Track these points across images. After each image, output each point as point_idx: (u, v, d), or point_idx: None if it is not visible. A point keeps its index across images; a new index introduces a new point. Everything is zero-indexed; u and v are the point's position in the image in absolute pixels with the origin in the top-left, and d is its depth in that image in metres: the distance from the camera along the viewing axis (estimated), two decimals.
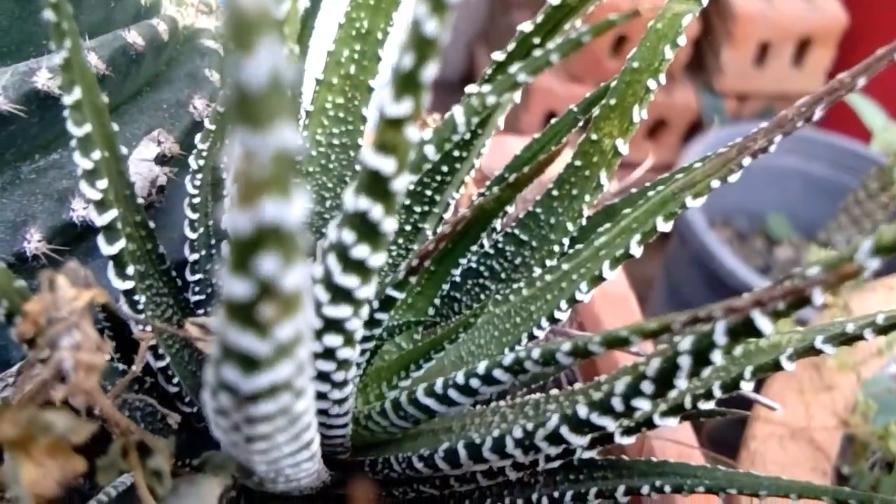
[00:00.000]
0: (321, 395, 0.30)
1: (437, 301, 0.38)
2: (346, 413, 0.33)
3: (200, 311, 0.39)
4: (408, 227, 0.39)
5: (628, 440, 0.33)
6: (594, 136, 0.36)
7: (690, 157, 1.58)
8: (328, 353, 0.28)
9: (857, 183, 1.42)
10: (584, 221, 0.37)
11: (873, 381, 0.83)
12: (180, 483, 0.25)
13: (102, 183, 0.29)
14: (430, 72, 0.19)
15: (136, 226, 0.33)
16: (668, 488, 0.35)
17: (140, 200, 0.39)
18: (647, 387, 0.27)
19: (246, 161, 0.13)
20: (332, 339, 0.27)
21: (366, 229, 0.23)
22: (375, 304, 0.31)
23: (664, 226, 0.33)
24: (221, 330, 0.17)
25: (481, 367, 0.30)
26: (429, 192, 0.38)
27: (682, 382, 0.27)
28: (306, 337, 0.19)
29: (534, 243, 0.39)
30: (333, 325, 0.26)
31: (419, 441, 0.36)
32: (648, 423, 0.33)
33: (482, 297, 0.40)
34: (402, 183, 0.22)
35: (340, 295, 0.25)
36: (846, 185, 1.57)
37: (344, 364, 0.29)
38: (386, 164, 0.21)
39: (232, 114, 0.13)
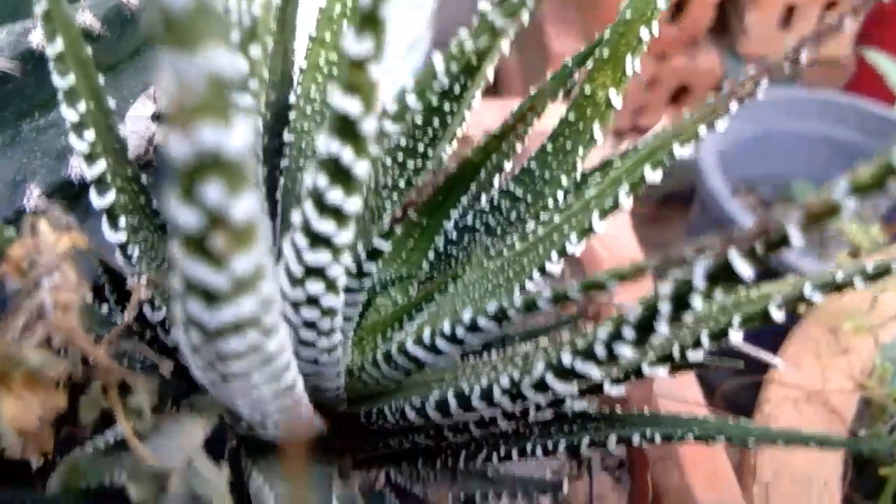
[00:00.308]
0: (309, 344, 0.31)
1: (432, 256, 0.38)
2: (337, 362, 0.33)
3: None
4: (402, 183, 0.39)
5: (618, 389, 0.33)
6: (587, 89, 0.36)
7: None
8: (312, 301, 0.28)
9: (885, 147, 1.38)
10: (578, 175, 0.37)
11: (892, 345, 0.82)
12: (164, 422, 0.26)
13: (90, 134, 0.29)
14: (390, 10, 0.19)
15: (127, 179, 0.33)
16: (658, 437, 0.35)
17: (136, 156, 0.40)
18: (628, 332, 0.27)
19: (176, 85, 0.13)
20: (315, 286, 0.27)
21: (338, 173, 0.23)
22: (363, 255, 0.32)
23: (652, 175, 0.32)
24: (179, 262, 0.17)
25: (466, 316, 0.30)
26: (421, 148, 0.38)
27: (662, 328, 0.27)
28: (268, 272, 0.19)
29: (529, 198, 0.39)
30: (315, 272, 0.27)
31: (412, 392, 0.37)
32: (637, 373, 0.33)
33: (482, 252, 0.40)
34: (371, 125, 0.22)
35: (319, 241, 0.25)
36: (874, 151, 1.54)
37: (329, 312, 0.29)
38: (352, 106, 0.21)
39: (157, 36, 0.13)
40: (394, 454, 0.42)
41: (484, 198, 0.40)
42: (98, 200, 0.31)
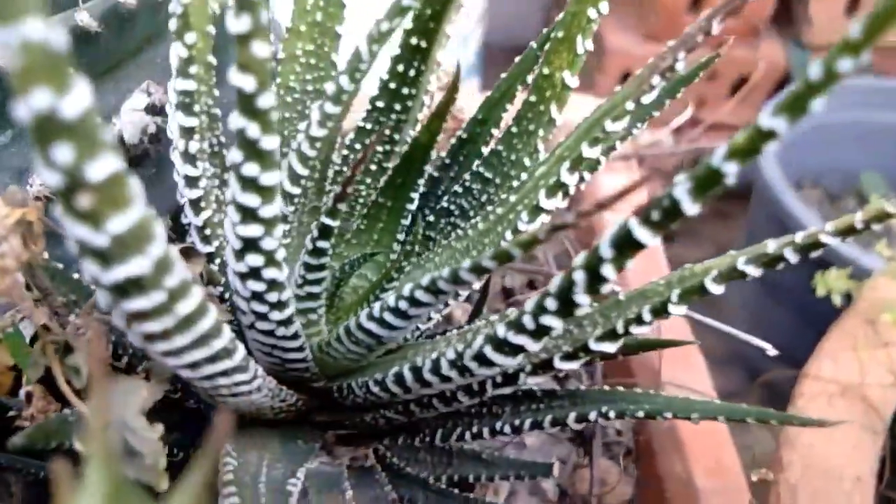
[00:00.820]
0: (262, 316, 0.33)
1: (410, 237, 0.39)
2: (297, 336, 0.35)
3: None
4: (373, 167, 0.40)
5: (568, 365, 0.34)
6: (546, 71, 0.36)
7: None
8: (254, 273, 0.30)
9: None
10: (540, 157, 0.37)
11: None
12: (110, 383, 0.28)
13: None
14: None
15: None
16: (612, 413, 0.35)
17: (131, 145, 0.42)
18: (550, 303, 0.28)
19: (5, 55, 0.15)
20: (253, 259, 0.29)
21: (249, 148, 0.24)
22: (315, 233, 0.33)
23: (590, 151, 0.33)
24: (64, 222, 0.19)
25: (406, 289, 0.31)
26: (387, 132, 0.39)
27: (581, 297, 0.27)
28: (157, 234, 0.21)
29: (497, 180, 0.40)
30: (250, 245, 0.28)
31: (377, 368, 0.38)
32: (585, 349, 0.33)
33: (454, 235, 0.41)
34: (268, 100, 0.23)
35: (248, 214, 0.27)
36: None
37: (274, 285, 0.31)
38: (246, 82, 0.22)
39: None
40: (375, 431, 0.43)
41: (457, 182, 0.41)
42: None
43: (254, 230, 0.28)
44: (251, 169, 0.25)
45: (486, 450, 0.52)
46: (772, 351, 0.43)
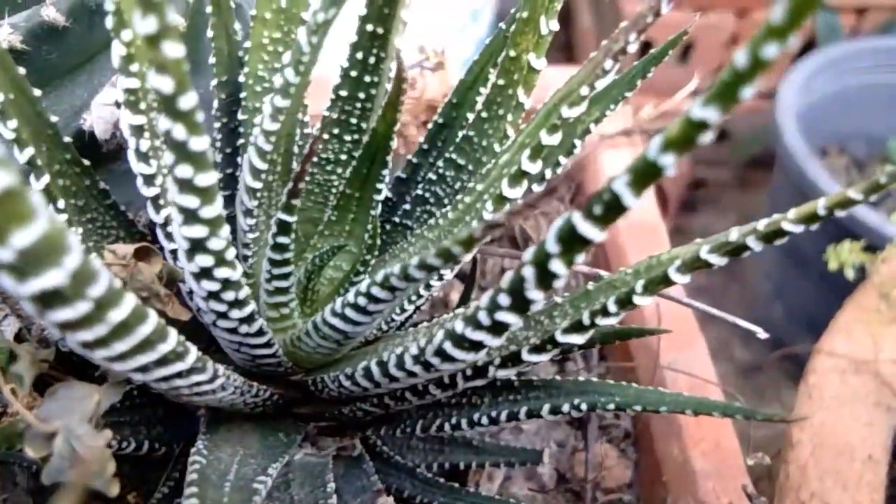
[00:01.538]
0: (221, 315, 0.32)
1: (373, 228, 0.39)
2: (262, 332, 0.34)
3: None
4: (343, 157, 0.39)
5: (537, 358, 0.33)
6: (512, 53, 0.35)
7: (797, 80, 1.46)
8: (206, 273, 0.29)
9: None
10: (508, 141, 0.36)
11: None
12: (59, 387, 0.28)
13: (12, 123, 0.31)
14: None
15: (67, 163, 0.35)
16: (584, 406, 0.35)
17: (104, 140, 0.42)
18: (503, 300, 0.27)
19: None
20: (203, 259, 0.29)
21: (178, 150, 0.24)
22: (274, 229, 0.33)
23: (549, 139, 0.32)
24: None
25: (363, 286, 0.31)
26: (354, 121, 0.38)
27: (533, 293, 0.27)
28: (71, 247, 0.21)
29: (470, 167, 0.39)
30: (197, 246, 0.28)
31: (349, 361, 0.38)
32: (552, 342, 0.32)
33: (428, 224, 0.41)
34: (190, 100, 0.22)
35: (189, 216, 0.27)
36: None
37: (228, 284, 0.30)
38: (164, 84, 0.22)
39: None
40: (356, 422, 0.43)
41: (431, 169, 0.40)
42: (34, 183, 0.33)
43: (198, 231, 0.27)
44: (184, 171, 0.25)
45: (481, 435, 0.52)
46: (762, 334, 0.41)
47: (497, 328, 0.29)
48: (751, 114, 1.79)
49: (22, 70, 0.33)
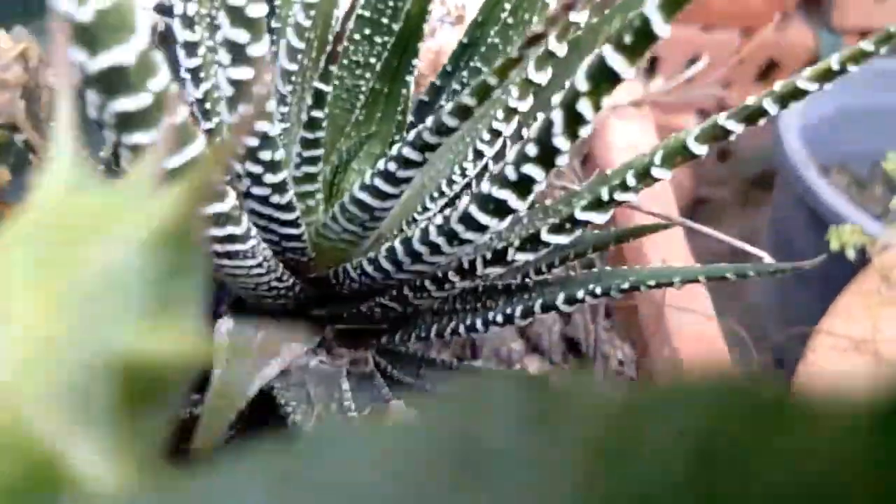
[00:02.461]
0: (256, 179, 0.34)
1: (403, 125, 0.40)
2: (291, 207, 0.36)
3: None
4: (372, 60, 0.41)
5: (557, 238, 0.34)
6: None
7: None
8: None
9: None
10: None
11: None
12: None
13: None
14: None
15: None
16: (598, 290, 0.36)
17: None
18: (531, 149, 0.29)
19: None
20: (245, 108, 0.30)
21: None
22: (310, 101, 0.34)
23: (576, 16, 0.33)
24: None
25: (394, 150, 0.32)
26: (385, 21, 0.40)
27: (561, 141, 0.28)
28: (139, 26, 0.22)
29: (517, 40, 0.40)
30: (242, 91, 0.30)
31: (371, 250, 0.39)
32: (572, 220, 0.34)
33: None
34: None
35: (237, 53, 0.28)
36: None
37: (266, 140, 0.32)
38: None
39: None
40: (372, 323, 0.44)
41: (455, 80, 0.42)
42: None
43: (244, 73, 0.29)
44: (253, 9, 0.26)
45: (488, 363, 0.53)
46: (768, 258, 0.43)
47: (523, 185, 0.30)
48: (753, 134, 1.82)
49: None
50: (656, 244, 0.65)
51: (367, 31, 0.40)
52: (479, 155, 0.38)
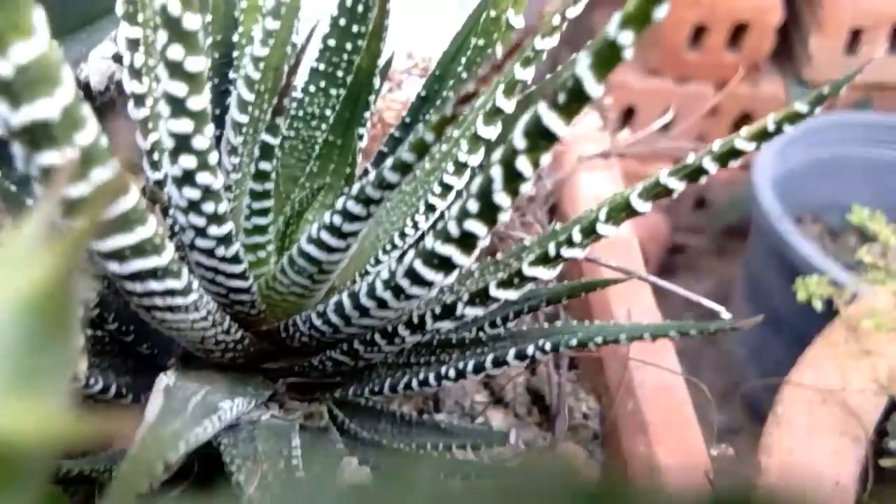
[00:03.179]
0: (200, 231, 0.33)
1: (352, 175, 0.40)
2: (237, 259, 0.35)
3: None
4: (328, 112, 0.41)
5: (505, 293, 0.34)
6: (493, 13, 0.37)
7: (771, 148, 1.52)
8: (188, 177, 0.31)
9: None
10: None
11: None
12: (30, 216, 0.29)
13: None
14: None
15: None
16: (548, 346, 0.35)
17: (98, 91, 0.44)
18: (472, 205, 0.29)
19: None
20: (187, 161, 0.30)
21: (172, 27, 0.25)
22: (257, 153, 0.34)
23: (523, 73, 0.33)
24: None
25: (339, 203, 0.32)
26: (340, 73, 0.40)
27: (501, 197, 0.28)
28: (64, 81, 0.22)
29: (451, 97, 0.40)
30: (182, 144, 0.29)
31: (322, 300, 0.38)
32: (520, 275, 0.33)
33: (407, 178, 0.42)
34: None
35: (177, 106, 0.28)
36: None
37: (209, 194, 0.31)
38: None
39: None
40: (325, 376, 0.44)
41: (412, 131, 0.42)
42: None
43: (184, 125, 0.28)
44: (176, 52, 0.26)
45: (449, 418, 0.52)
46: (725, 314, 0.43)
47: (466, 240, 0.30)
48: (728, 183, 1.85)
49: None
50: (622, 295, 0.65)
51: (322, 84, 0.40)
52: (430, 208, 0.38)
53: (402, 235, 0.39)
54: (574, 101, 0.25)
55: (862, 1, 1.64)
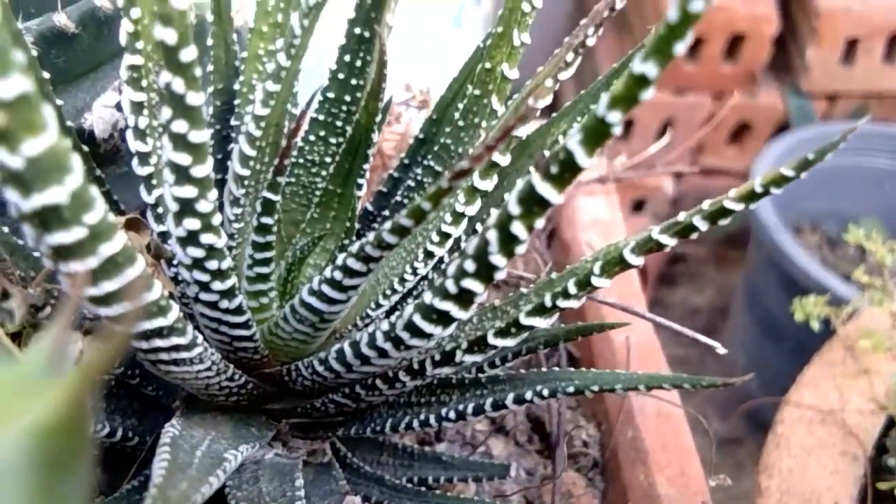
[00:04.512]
0: (204, 286, 0.34)
1: (353, 224, 0.41)
2: (241, 310, 0.36)
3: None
4: (327, 159, 0.42)
5: (503, 342, 0.35)
6: (488, 65, 0.38)
7: (769, 159, 1.53)
8: (192, 238, 0.31)
9: None
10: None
11: None
12: (46, 332, 0.30)
13: None
14: None
15: None
16: (546, 391, 0.36)
17: (102, 140, 0.45)
18: (469, 265, 0.29)
19: None
20: (191, 223, 0.31)
21: (176, 103, 0.26)
22: (259, 209, 0.35)
23: (518, 130, 0.34)
24: None
25: (339, 259, 0.33)
26: (339, 123, 0.41)
27: (497, 258, 0.29)
28: (74, 168, 0.23)
29: (446, 173, 0.41)
30: (186, 208, 0.30)
31: (322, 349, 0.39)
32: (517, 325, 0.34)
33: None
34: (190, 53, 0.25)
35: (181, 175, 0.29)
36: None
37: (212, 252, 0.32)
38: (168, 35, 0.24)
39: None
40: (327, 417, 0.44)
41: (410, 175, 0.43)
42: None
43: (188, 191, 0.29)
44: (180, 126, 0.27)
45: (450, 450, 0.53)
46: (721, 350, 0.43)
47: (464, 297, 0.30)
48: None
49: None
50: (620, 318, 0.66)
51: (322, 133, 0.41)
52: (429, 255, 0.39)
53: (402, 281, 0.40)
54: (566, 171, 0.25)
55: (858, 11, 1.64)
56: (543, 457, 0.60)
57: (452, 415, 0.40)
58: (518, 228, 0.27)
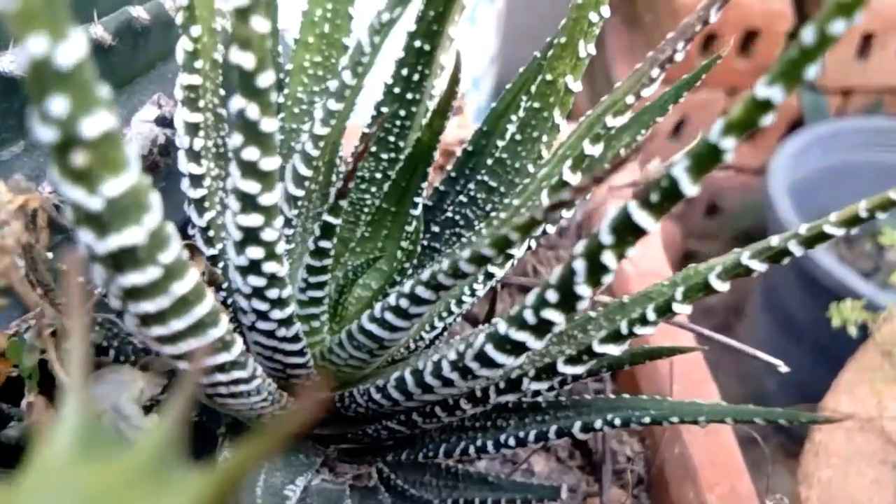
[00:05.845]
0: (262, 315, 0.32)
1: (408, 244, 0.39)
2: (297, 337, 0.35)
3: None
4: (378, 175, 0.40)
5: (572, 369, 0.33)
6: (549, 77, 0.37)
7: (785, 155, 1.51)
8: (254, 267, 0.30)
9: None
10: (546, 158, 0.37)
11: None
12: (106, 371, 0.28)
13: None
14: None
15: None
16: (618, 421, 0.35)
17: (141, 156, 0.43)
18: (551, 295, 0.28)
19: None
20: (254, 252, 0.29)
21: (248, 130, 0.25)
22: (317, 233, 0.33)
23: (591, 149, 0.33)
24: (57, 185, 0.19)
25: (407, 286, 0.31)
26: (392, 139, 0.39)
27: (583, 289, 0.27)
28: (152, 206, 0.21)
29: (502, 188, 0.40)
30: (250, 236, 0.28)
31: (379, 375, 0.38)
32: (590, 352, 0.33)
33: (458, 244, 0.41)
34: (268, 79, 0.23)
35: (248, 202, 0.27)
36: None
37: (274, 280, 0.31)
38: (245, 60, 0.23)
39: None
40: (378, 444, 0.43)
41: (462, 191, 0.41)
42: None
43: (254, 220, 0.28)
44: (251, 153, 0.25)
45: (496, 472, 0.51)
46: (783, 368, 0.42)
47: (542, 327, 0.29)
48: (740, 188, 1.84)
49: None
50: (664, 337, 0.64)
51: (374, 148, 0.40)
52: (489, 276, 0.37)
53: (460, 303, 0.39)
54: (666, 200, 0.24)
55: (872, 5, 1.62)
56: (585, 473, 0.59)
57: (512, 441, 0.39)
58: (608, 258, 0.26)
